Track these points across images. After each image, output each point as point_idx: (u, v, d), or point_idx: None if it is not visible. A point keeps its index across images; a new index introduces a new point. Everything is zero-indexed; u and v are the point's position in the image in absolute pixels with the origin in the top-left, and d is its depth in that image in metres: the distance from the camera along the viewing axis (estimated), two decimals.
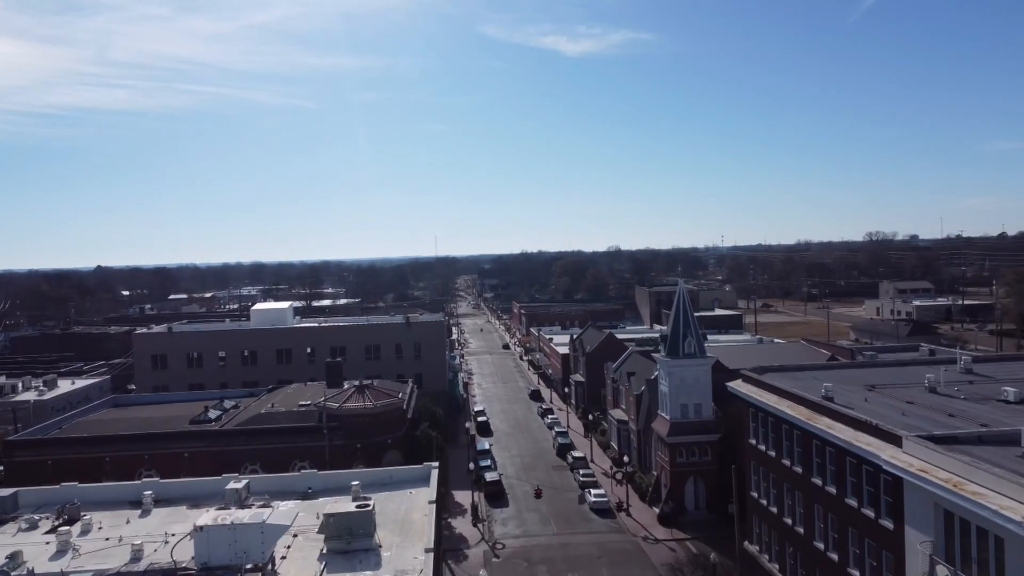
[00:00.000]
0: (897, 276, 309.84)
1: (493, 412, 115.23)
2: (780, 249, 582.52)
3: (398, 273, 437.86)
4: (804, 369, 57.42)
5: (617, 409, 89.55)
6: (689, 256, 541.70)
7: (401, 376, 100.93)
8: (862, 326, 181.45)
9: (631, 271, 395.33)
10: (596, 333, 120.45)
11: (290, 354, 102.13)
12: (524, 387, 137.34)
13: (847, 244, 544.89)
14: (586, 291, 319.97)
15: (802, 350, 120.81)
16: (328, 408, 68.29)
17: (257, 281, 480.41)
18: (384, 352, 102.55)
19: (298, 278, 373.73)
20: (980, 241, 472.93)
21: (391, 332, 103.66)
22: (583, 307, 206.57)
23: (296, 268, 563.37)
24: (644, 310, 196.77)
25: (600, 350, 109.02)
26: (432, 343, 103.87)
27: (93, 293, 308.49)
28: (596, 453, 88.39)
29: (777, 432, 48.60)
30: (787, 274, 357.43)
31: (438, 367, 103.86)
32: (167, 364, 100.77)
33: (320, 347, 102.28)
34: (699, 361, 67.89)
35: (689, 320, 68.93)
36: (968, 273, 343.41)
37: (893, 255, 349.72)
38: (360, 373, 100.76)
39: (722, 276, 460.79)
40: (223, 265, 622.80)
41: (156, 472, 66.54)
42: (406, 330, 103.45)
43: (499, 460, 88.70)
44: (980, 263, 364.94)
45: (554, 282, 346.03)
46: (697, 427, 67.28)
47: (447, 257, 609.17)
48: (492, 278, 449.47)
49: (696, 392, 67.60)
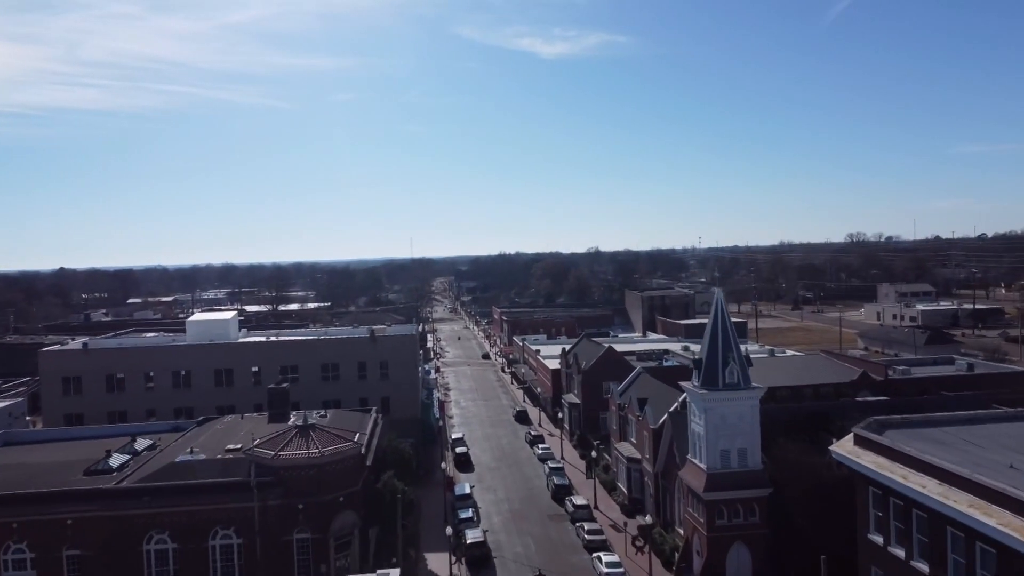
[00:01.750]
0: (889, 278, 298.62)
1: (474, 438, 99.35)
2: (760, 250, 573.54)
3: (371, 275, 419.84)
4: (931, 425, 42.49)
5: (625, 443, 74.03)
6: (670, 257, 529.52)
7: (364, 401, 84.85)
8: (871, 333, 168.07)
9: (613, 273, 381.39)
10: (591, 346, 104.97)
11: (232, 375, 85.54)
12: (508, 405, 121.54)
13: (829, 245, 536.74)
14: (568, 294, 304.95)
15: (825, 364, 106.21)
16: (259, 457, 52.03)
17: (227, 283, 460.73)
18: (344, 372, 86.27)
19: (268, 280, 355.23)
20: (961, 243, 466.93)
21: (353, 348, 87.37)
22: (569, 313, 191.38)
23: (267, 270, 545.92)
24: (636, 316, 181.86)
25: (598, 367, 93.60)
26: (402, 360, 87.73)
27: (42, 297, 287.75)
28: (599, 494, 72.83)
29: (937, 536, 33.19)
30: (775, 276, 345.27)
31: (409, 389, 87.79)
32: (81, 388, 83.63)
33: (268, 367, 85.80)
34: (745, 394, 52.56)
35: (730, 340, 53.66)
36: (961, 275, 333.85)
37: (884, 257, 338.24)
38: (315, 399, 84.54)
39: (705, 278, 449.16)
40: (192, 267, 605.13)
41: (27, 546, 50.17)
42: (371, 346, 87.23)
43: (483, 506, 72.78)
44: (969, 265, 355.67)
45: (534, 284, 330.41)
46: (742, 479, 51.94)
47: (423, 258, 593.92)
48: (470, 280, 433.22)
49: (741, 434, 52.27)
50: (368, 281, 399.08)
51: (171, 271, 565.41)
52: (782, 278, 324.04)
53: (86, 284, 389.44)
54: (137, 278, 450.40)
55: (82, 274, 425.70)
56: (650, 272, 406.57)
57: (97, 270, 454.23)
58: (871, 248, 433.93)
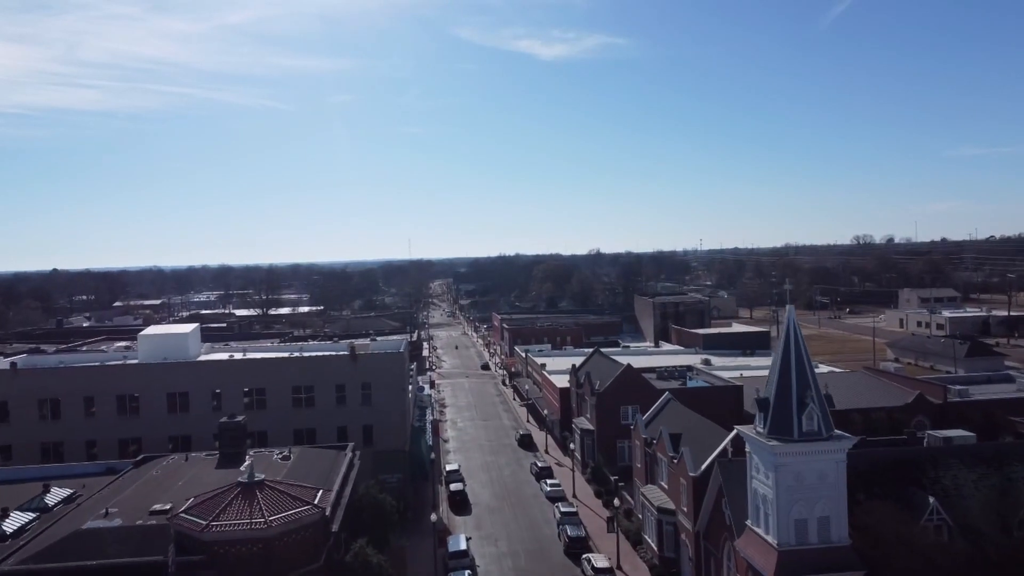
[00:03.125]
0: (905, 282, 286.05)
1: (472, 468, 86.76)
2: (763, 252, 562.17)
3: (367, 277, 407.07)
4: None
5: (654, 487, 61.41)
6: (674, 259, 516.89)
7: (343, 431, 72.31)
8: (902, 343, 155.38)
9: (617, 276, 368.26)
10: (605, 363, 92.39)
11: (187, 400, 72.85)
12: (510, 426, 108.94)
13: (836, 247, 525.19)
14: (571, 298, 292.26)
15: (871, 383, 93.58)
16: (185, 527, 39.45)
17: (221, 285, 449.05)
18: (320, 396, 73.59)
19: (263, 282, 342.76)
20: (970, 244, 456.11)
21: (331, 367, 74.60)
22: (573, 319, 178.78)
23: (263, 271, 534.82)
24: (646, 323, 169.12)
25: (615, 390, 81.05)
26: (387, 382, 74.97)
27: (21, 301, 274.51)
28: (622, 547, 60.17)
29: None
30: (784, 279, 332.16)
31: (395, 416, 75.08)
32: (8, 415, 70.96)
33: (230, 390, 73.15)
34: (827, 447, 39.92)
35: (807, 373, 40.99)
36: (978, 278, 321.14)
37: (898, 259, 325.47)
38: (285, 428, 71.94)
39: (711, 281, 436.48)
40: (188, 268, 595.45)
41: None
42: (351, 365, 74.49)
43: (482, 563, 60.19)
44: (985, 268, 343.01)
45: (535, 287, 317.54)
46: (826, 559, 39.30)
47: (421, 260, 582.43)
48: (468, 283, 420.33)
49: (822, 498, 39.65)
50: (364, 284, 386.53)
51: (167, 272, 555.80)
52: (793, 281, 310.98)
53: (73, 286, 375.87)
54: (127, 280, 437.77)
55: (72, 276, 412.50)
56: (655, 275, 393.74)
57: (89, 271, 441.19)
58: (879, 250, 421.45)
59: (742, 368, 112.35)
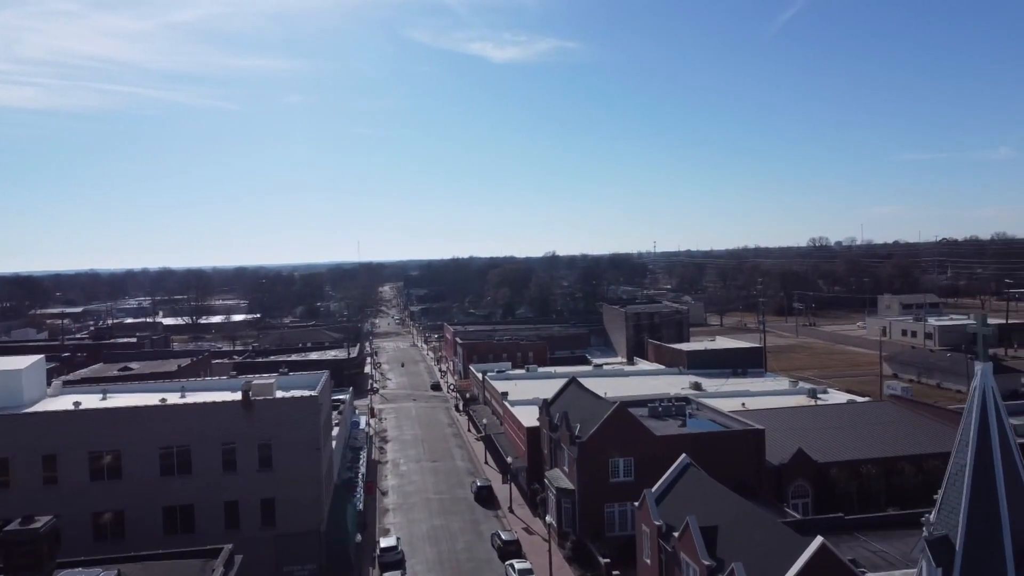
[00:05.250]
0: (876, 286, 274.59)
1: (416, 541, 66.64)
2: (721, 255, 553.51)
3: (311, 281, 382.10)
4: None
5: None
6: (632, 262, 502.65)
7: (232, 507, 51.84)
8: (902, 357, 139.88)
9: (576, 279, 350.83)
10: (585, 397, 73.19)
11: (7, 467, 51.46)
12: (465, 469, 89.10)
13: (792, 250, 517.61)
14: (529, 304, 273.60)
15: (904, 417, 76.05)
16: None
17: (161, 290, 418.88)
18: (201, 460, 52.81)
19: (193, 287, 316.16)
20: (925, 247, 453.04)
21: (216, 419, 53.79)
22: (536, 331, 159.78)
23: (206, 274, 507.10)
24: (618, 337, 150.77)
25: (603, 438, 61.88)
26: (296, 439, 54.41)
27: None
28: None
29: None
30: (749, 283, 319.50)
31: (307, 485, 54.56)
32: None
33: (71, 453, 51.94)
34: None
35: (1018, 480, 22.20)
36: (943, 281, 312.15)
37: (868, 262, 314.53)
38: (149, 509, 51.04)
39: (671, 284, 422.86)
40: (126, 272, 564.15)
41: None
42: (244, 415, 53.83)
43: None
44: (949, 271, 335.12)
45: (491, 292, 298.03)
46: None
47: (371, 263, 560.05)
48: (421, 286, 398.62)
49: None
50: (307, 289, 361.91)
51: (103, 276, 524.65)
52: (761, 285, 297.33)
53: None
54: (48, 285, 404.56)
55: None
56: (613, 279, 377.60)
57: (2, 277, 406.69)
58: (837, 253, 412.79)
59: (740, 395, 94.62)
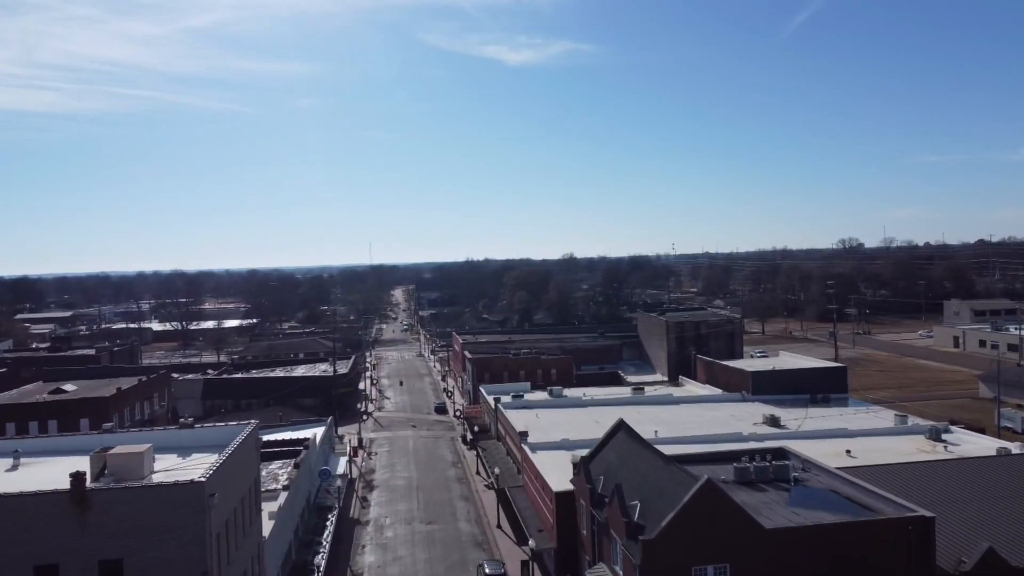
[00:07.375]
0: (929, 289, 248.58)
1: None
2: (743, 256, 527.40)
3: (316, 284, 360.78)
4: None
5: None
6: (654, 264, 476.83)
7: None
8: (1007, 378, 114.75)
9: (596, 283, 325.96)
10: (642, 455, 49.54)
11: None
12: (470, 536, 65.73)
13: (820, 252, 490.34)
14: (548, 309, 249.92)
15: None
16: None
17: (169, 293, 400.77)
18: None
19: (183, 291, 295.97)
20: (956, 249, 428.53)
21: (25, 523, 31.02)
22: (559, 343, 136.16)
23: (217, 277, 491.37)
24: (656, 350, 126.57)
25: (681, 532, 38.36)
26: (164, 557, 31.47)
27: None
28: None
29: None
30: (786, 286, 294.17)
31: None
32: None
33: None
34: None
35: None
36: (999, 284, 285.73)
37: (916, 264, 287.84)
38: None
39: (696, 288, 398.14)
40: (137, 274, 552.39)
41: None
42: (75, 516, 30.87)
43: None
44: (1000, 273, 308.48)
45: (506, 296, 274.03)
46: None
47: (383, 265, 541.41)
48: (432, 290, 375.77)
49: None
50: (312, 292, 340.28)
51: (113, 279, 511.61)
52: (802, 289, 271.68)
53: None
54: (41, 288, 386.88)
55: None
56: (637, 282, 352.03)
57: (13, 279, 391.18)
58: (872, 254, 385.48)
59: (835, 435, 70.85)
